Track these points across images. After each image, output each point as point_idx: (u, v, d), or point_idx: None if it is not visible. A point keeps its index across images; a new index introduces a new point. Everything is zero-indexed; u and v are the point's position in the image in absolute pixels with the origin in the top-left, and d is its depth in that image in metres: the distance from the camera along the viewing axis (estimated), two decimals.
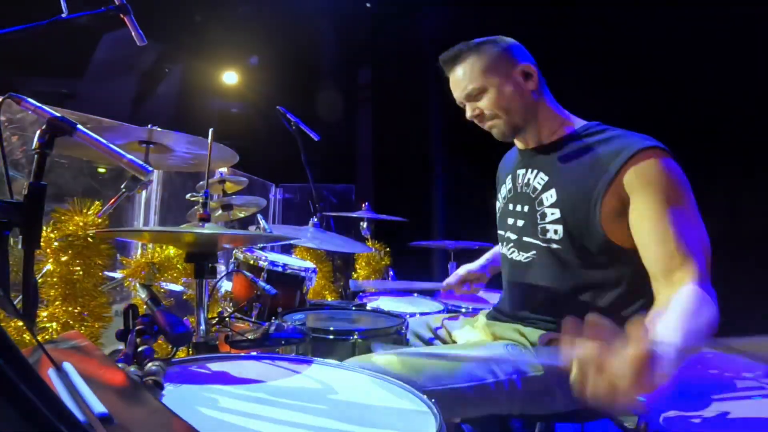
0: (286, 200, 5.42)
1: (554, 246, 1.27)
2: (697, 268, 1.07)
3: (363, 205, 3.05)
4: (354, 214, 3.17)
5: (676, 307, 0.98)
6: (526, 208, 1.34)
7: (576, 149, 1.28)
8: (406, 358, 1.22)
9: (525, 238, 1.34)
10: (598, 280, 1.18)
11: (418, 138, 5.08)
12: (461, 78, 1.34)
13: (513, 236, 1.38)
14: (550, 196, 1.28)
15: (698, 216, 1.14)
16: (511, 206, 1.40)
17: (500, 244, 1.47)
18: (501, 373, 1.22)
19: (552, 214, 1.27)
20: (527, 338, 1.30)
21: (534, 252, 1.32)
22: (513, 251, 1.38)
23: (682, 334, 0.90)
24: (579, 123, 1.35)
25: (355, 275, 3.26)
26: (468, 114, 1.37)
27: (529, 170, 1.35)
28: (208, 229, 1.21)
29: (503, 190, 1.47)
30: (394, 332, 1.58)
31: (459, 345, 1.45)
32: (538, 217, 1.30)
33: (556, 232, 1.26)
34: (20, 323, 1.41)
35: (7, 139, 2.34)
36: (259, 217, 2.20)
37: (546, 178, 1.30)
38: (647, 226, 1.13)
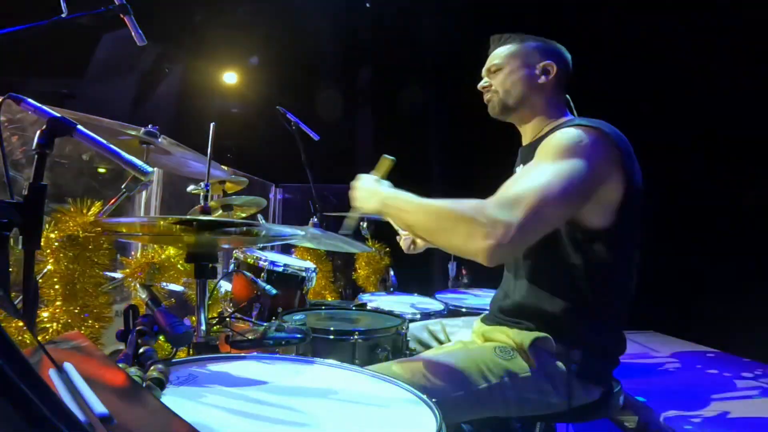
0: (286, 200, 5.43)
1: None
2: (497, 196, 1.10)
3: None
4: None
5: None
6: None
7: (539, 143, 1.33)
8: (399, 367, 1.22)
9: None
10: (571, 266, 1.20)
11: (418, 138, 5.08)
12: (494, 55, 1.48)
13: None
14: None
15: (553, 170, 1.12)
16: None
17: None
18: (493, 377, 1.22)
19: None
20: (513, 340, 1.31)
21: None
22: None
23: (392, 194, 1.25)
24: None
25: (355, 275, 3.26)
26: (480, 84, 1.50)
27: (522, 166, 1.43)
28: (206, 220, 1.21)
29: None
30: (394, 332, 1.58)
31: (449, 349, 1.44)
32: None
33: None
34: (20, 323, 1.41)
35: (7, 139, 2.34)
36: (259, 217, 2.20)
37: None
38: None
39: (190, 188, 2.09)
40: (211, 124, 1.40)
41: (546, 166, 1.14)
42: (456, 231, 1.07)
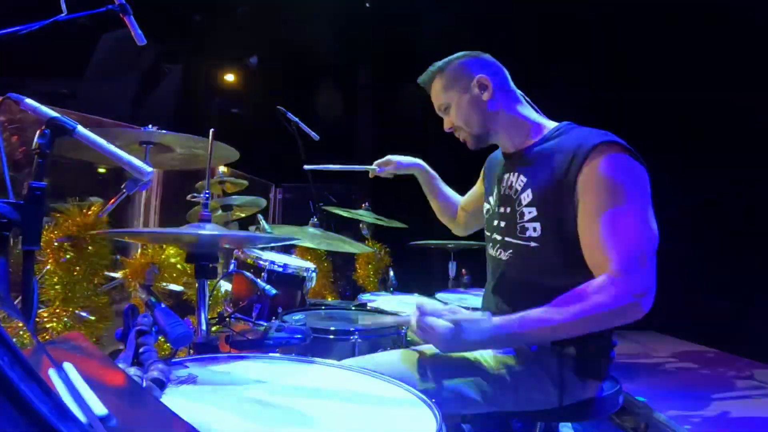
0: (286, 200, 5.43)
1: (533, 244, 1.30)
2: (614, 266, 1.12)
3: (363, 205, 3.05)
4: None
5: (549, 306, 1.12)
6: (507, 210, 1.39)
7: (548, 150, 1.32)
8: (399, 359, 1.22)
9: (506, 239, 1.38)
10: (575, 276, 1.20)
11: (418, 138, 5.08)
12: (433, 96, 1.48)
13: (498, 237, 1.42)
14: (527, 196, 1.32)
15: (637, 212, 1.17)
16: (499, 209, 1.44)
17: (487, 244, 1.50)
18: (489, 367, 1.24)
19: (529, 213, 1.31)
20: None
21: (511, 251, 1.36)
22: (499, 251, 1.41)
23: (511, 325, 1.12)
24: (552, 125, 1.40)
25: (355, 275, 3.26)
26: (444, 127, 1.48)
27: (512, 174, 1.39)
28: (208, 230, 1.21)
29: (494, 193, 1.50)
30: (394, 332, 1.58)
31: None
32: (518, 216, 1.34)
33: (534, 230, 1.30)
34: (20, 323, 1.41)
35: (7, 139, 2.34)
36: (259, 217, 2.20)
37: (525, 180, 1.35)
38: (582, 229, 1.21)
39: (190, 196, 2.09)
40: (211, 130, 1.40)
41: (622, 208, 1.17)
42: (613, 322, 1.14)
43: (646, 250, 1.14)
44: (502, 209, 1.41)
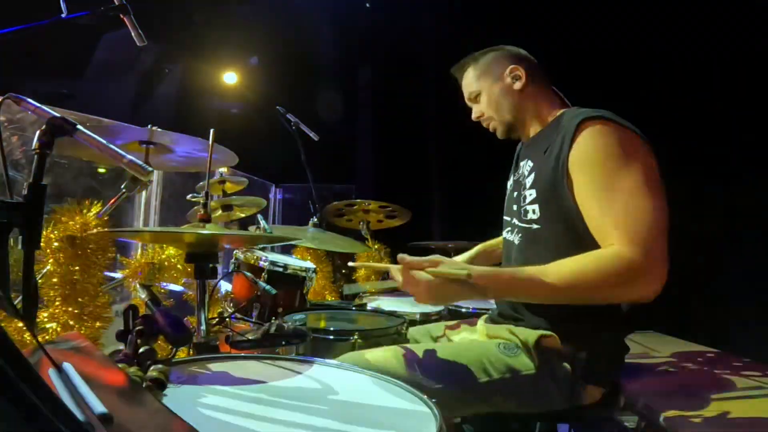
0: (286, 200, 5.43)
1: (535, 226, 1.32)
2: (616, 238, 1.11)
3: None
4: None
5: (548, 266, 1.12)
6: (516, 194, 1.43)
7: (547, 132, 1.36)
8: (400, 357, 1.23)
9: (515, 221, 1.42)
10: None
11: (418, 138, 5.08)
12: (464, 84, 1.53)
13: (508, 218, 1.48)
14: (531, 180, 1.35)
15: (633, 182, 1.14)
16: (514, 194, 1.47)
17: (504, 228, 1.53)
18: (494, 372, 1.22)
19: (530, 195, 1.34)
20: (518, 337, 1.31)
21: (521, 235, 1.39)
22: (511, 235, 1.45)
23: (504, 278, 1.13)
24: None
25: (355, 275, 3.25)
26: (473, 116, 1.52)
27: (526, 160, 1.42)
28: (208, 229, 1.21)
29: (511, 179, 1.54)
30: (394, 332, 1.58)
31: (452, 344, 1.46)
32: (521, 200, 1.38)
33: (534, 212, 1.32)
34: (20, 324, 1.41)
35: (7, 139, 2.34)
36: (259, 217, 2.20)
37: (531, 164, 1.38)
38: (582, 209, 1.20)
39: (190, 196, 2.09)
40: (211, 131, 1.40)
41: (624, 180, 1.14)
42: (614, 290, 1.11)
43: (648, 220, 1.11)
44: (514, 194, 1.45)
